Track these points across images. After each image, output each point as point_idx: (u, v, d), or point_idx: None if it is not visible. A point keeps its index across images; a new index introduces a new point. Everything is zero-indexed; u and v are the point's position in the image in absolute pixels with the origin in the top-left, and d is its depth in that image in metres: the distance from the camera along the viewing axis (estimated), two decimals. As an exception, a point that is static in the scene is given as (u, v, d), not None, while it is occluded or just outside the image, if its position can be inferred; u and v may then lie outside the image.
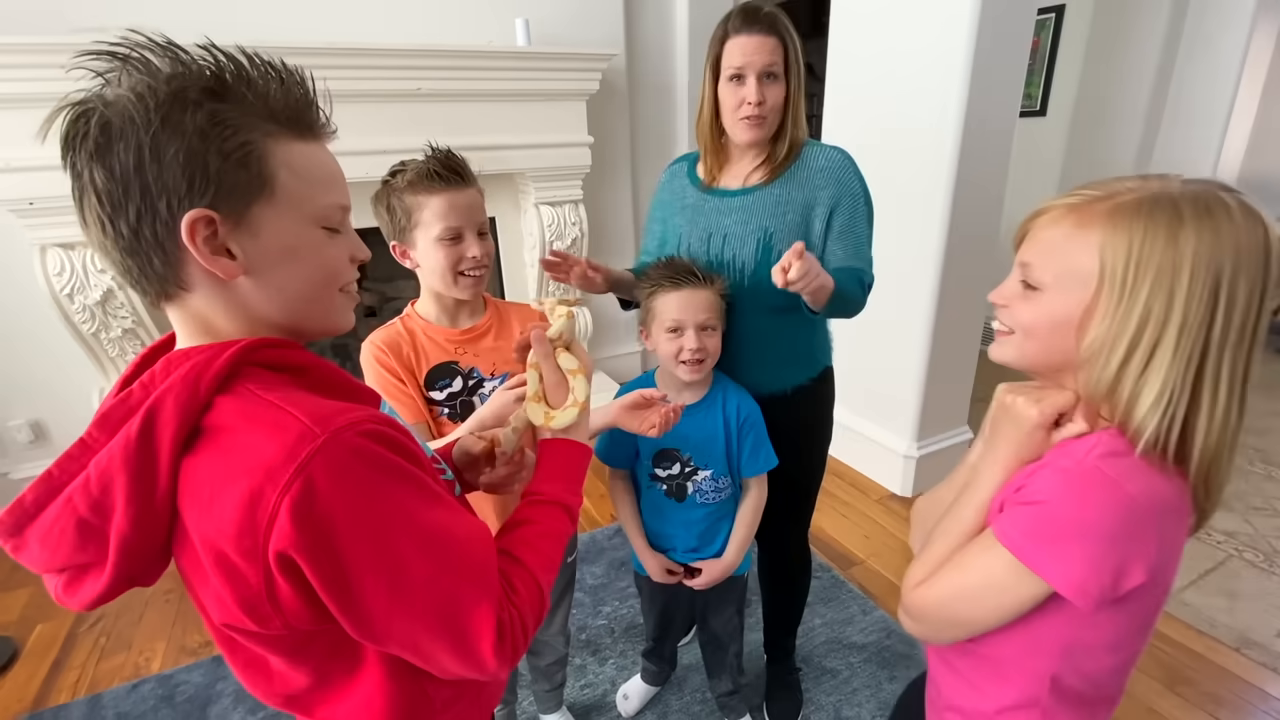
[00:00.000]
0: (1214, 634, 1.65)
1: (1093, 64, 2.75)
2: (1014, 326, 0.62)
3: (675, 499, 1.17)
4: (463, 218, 0.96)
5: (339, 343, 2.74)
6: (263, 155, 0.46)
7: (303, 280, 0.50)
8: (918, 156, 1.92)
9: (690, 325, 1.05)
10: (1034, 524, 0.55)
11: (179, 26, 2.14)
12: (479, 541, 0.51)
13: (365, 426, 0.45)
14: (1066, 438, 0.59)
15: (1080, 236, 0.56)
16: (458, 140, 2.33)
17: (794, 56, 1.09)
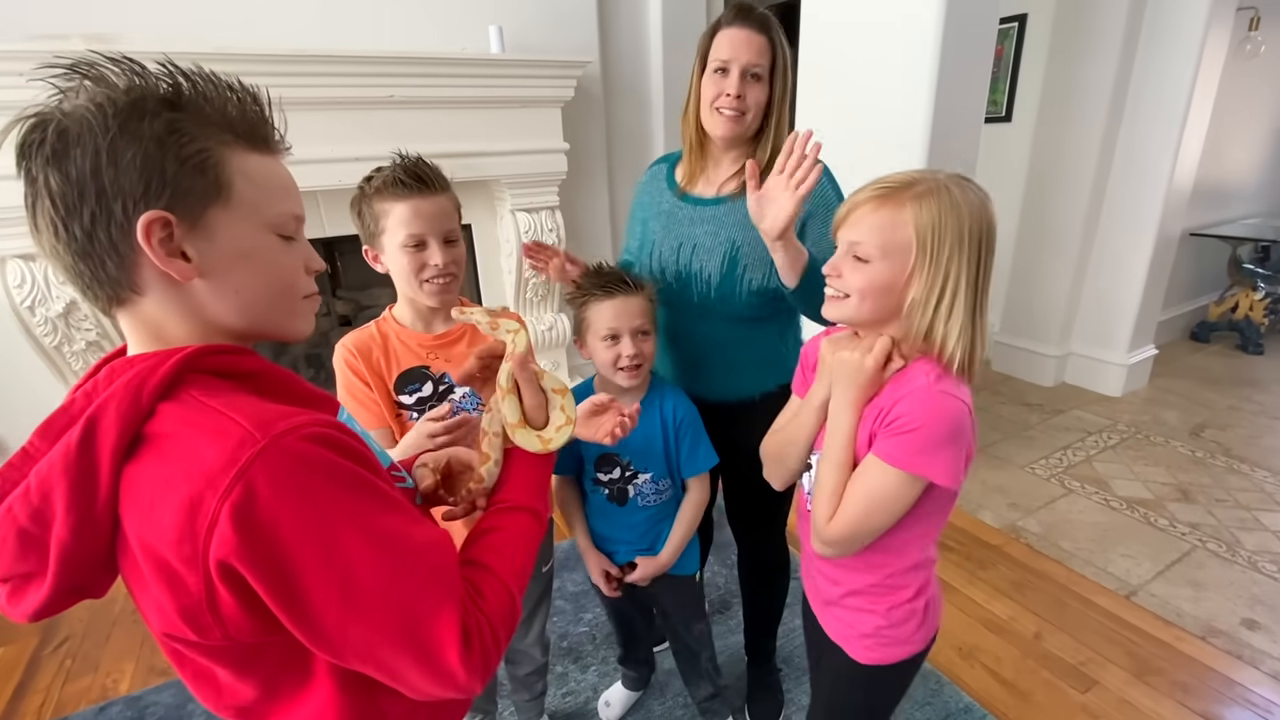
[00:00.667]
0: (1180, 624, 1.69)
1: (1054, 70, 2.82)
2: (849, 291, 0.77)
3: (617, 503, 1.18)
4: (426, 225, 0.96)
5: (312, 351, 2.70)
6: (219, 162, 0.47)
7: (258, 284, 0.51)
8: (888, 162, 1.95)
9: (625, 332, 1.06)
10: (917, 444, 0.72)
11: (146, 34, 2.12)
12: (438, 547, 0.50)
13: (310, 430, 0.45)
14: (895, 371, 0.78)
15: (897, 217, 0.73)
16: (433, 147, 2.32)
17: (782, 62, 1.09)
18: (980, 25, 1.84)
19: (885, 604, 0.86)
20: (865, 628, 0.88)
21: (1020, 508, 2.21)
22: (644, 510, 1.18)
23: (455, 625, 0.47)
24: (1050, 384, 3.15)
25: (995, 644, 1.64)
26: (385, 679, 0.47)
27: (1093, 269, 3.00)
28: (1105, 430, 2.73)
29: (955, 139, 1.92)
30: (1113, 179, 2.84)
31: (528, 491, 0.63)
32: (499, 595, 0.53)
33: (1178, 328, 3.79)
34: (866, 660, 0.89)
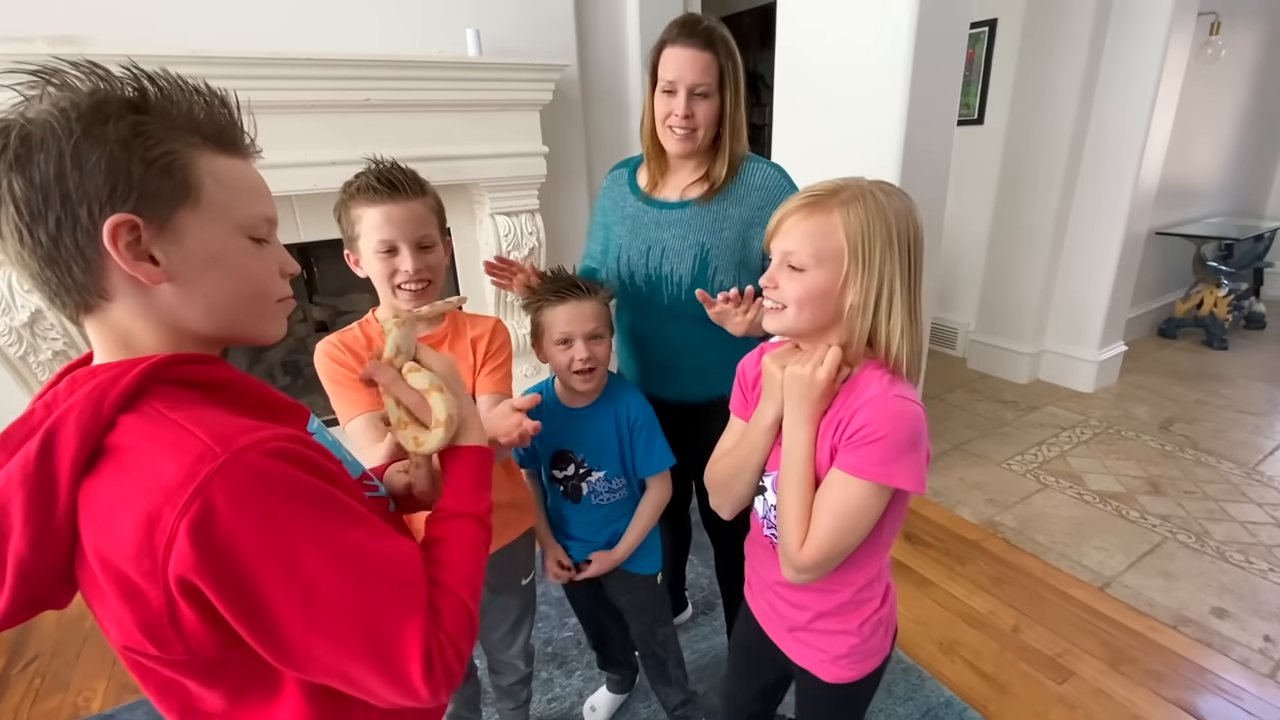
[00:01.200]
0: (1153, 614, 1.73)
1: (1024, 73, 2.88)
2: (785, 302, 0.77)
3: (572, 500, 1.19)
4: (397, 231, 0.96)
5: (290, 358, 2.66)
6: (187, 164, 0.47)
7: (229, 288, 0.51)
8: (864, 164, 1.99)
9: (578, 336, 1.07)
10: (883, 453, 0.71)
11: (113, 36, 2.07)
12: (405, 562, 0.49)
13: (271, 445, 0.44)
14: (845, 379, 0.78)
15: (826, 223, 0.73)
16: (410, 151, 2.31)
17: (730, 72, 1.09)
18: (951, 30, 1.88)
19: (857, 620, 0.85)
20: (839, 649, 0.86)
21: (998, 503, 2.25)
22: (598, 508, 1.19)
23: (419, 641, 0.46)
24: (1025, 381, 3.22)
25: (975, 638, 1.67)
26: (351, 691, 0.47)
27: (1064, 268, 3.06)
28: (1078, 425, 2.79)
29: (929, 141, 1.95)
30: (1081, 180, 2.91)
31: (464, 496, 0.61)
32: (454, 610, 0.51)
33: (1146, 324, 3.89)
34: (840, 680, 0.88)
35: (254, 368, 2.60)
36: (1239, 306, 3.77)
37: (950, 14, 1.85)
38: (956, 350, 3.61)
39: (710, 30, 1.08)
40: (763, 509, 0.90)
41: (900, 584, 1.87)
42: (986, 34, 3.12)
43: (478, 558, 0.58)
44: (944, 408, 2.99)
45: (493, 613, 1.21)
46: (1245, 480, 2.34)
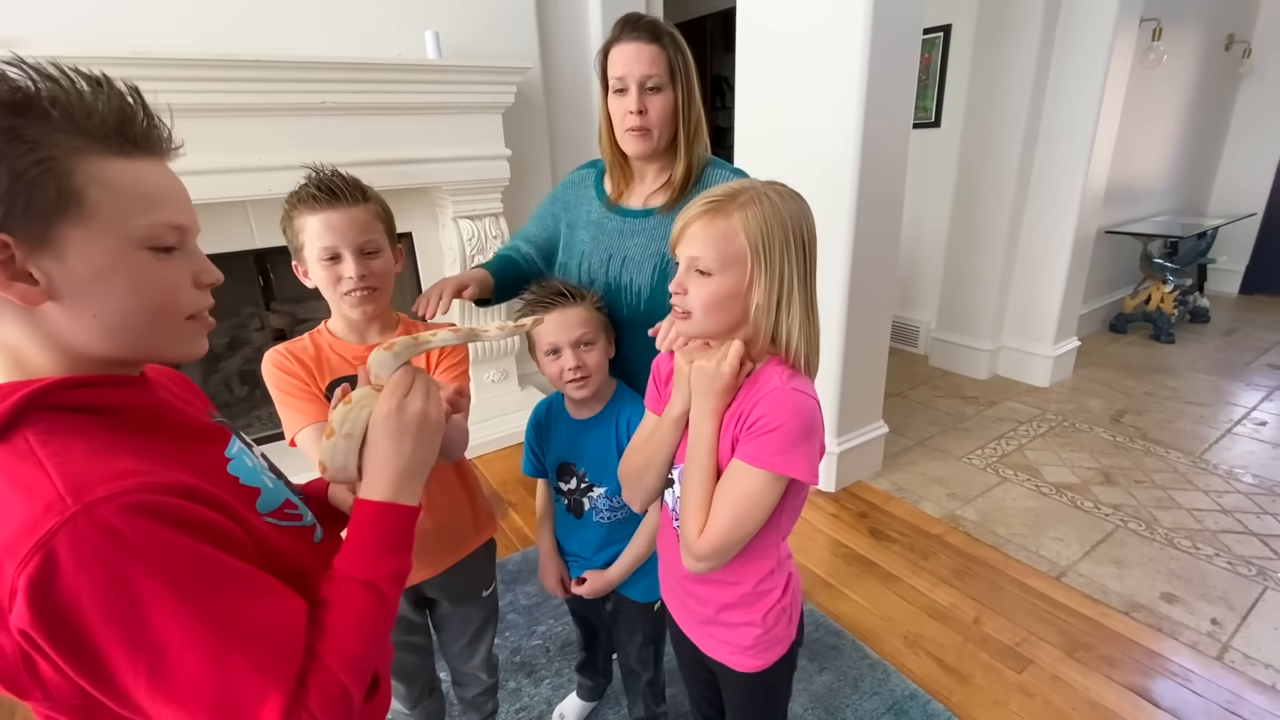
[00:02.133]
0: (1106, 601, 1.79)
1: (977, 78, 2.97)
2: (692, 308, 0.78)
3: (574, 515, 1.16)
4: (339, 238, 0.95)
5: (246, 368, 2.58)
6: (66, 172, 0.42)
7: (122, 306, 0.46)
8: (823, 168, 2.02)
9: (566, 345, 1.04)
10: (779, 443, 0.74)
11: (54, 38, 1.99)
12: (276, 630, 0.45)
13: (131, 498, 0.41)
14: (749, 374, 0.81)
15: (727, 228, 0.75)
16: (369, 154, 2.28)
17: (680, 66, 1.08)
18: (904, 35, 1.92)
19: (760, 611, 0.87)
20: (745, 640, 0.88)
21: (959, 497, 2.30)
22: (599, 526, 1.15)
23: (277, 717, 0.43)
24: (984, 377, 3.30)
25: (938, 631, 1.70)
26: None
27: (1019, 266, 3.15)
28: (1035, 419, 2.87)
29: (885, 144, 1.99)
30: (1034, 181, 3.00)
31: (359, 557, 0.55)
32: (325, 687, 0.47)
33: (1098, 320, 4.02)
34: (752, 669, 0.90)
35: (210, 378, 2.52)
36: (1184, 301, 3.93)
37: (903, 20, 1.89)
38: (918, 348, 3.69)
39: (655, 24, 1.07)
40: (671, 501, 0.91)
41: (865, 580, 1.90)
42: (942, 39, 3.19)
43: (364, 630, 0.51)
44: (907, 404, 3.05)
45: (453, 625, 1.19)
46: (1192, 469, 2.44)
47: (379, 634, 0.53)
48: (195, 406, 0.60)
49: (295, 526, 0.58)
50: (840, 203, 2.00)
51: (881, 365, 2.38)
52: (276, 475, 0.65)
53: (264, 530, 0.51)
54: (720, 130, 5.23)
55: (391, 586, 0.55)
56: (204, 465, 0.52)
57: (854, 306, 2.12)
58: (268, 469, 0.61)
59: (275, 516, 0.56)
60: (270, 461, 0.68)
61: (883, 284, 2.20)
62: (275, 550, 0.52)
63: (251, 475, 0.56)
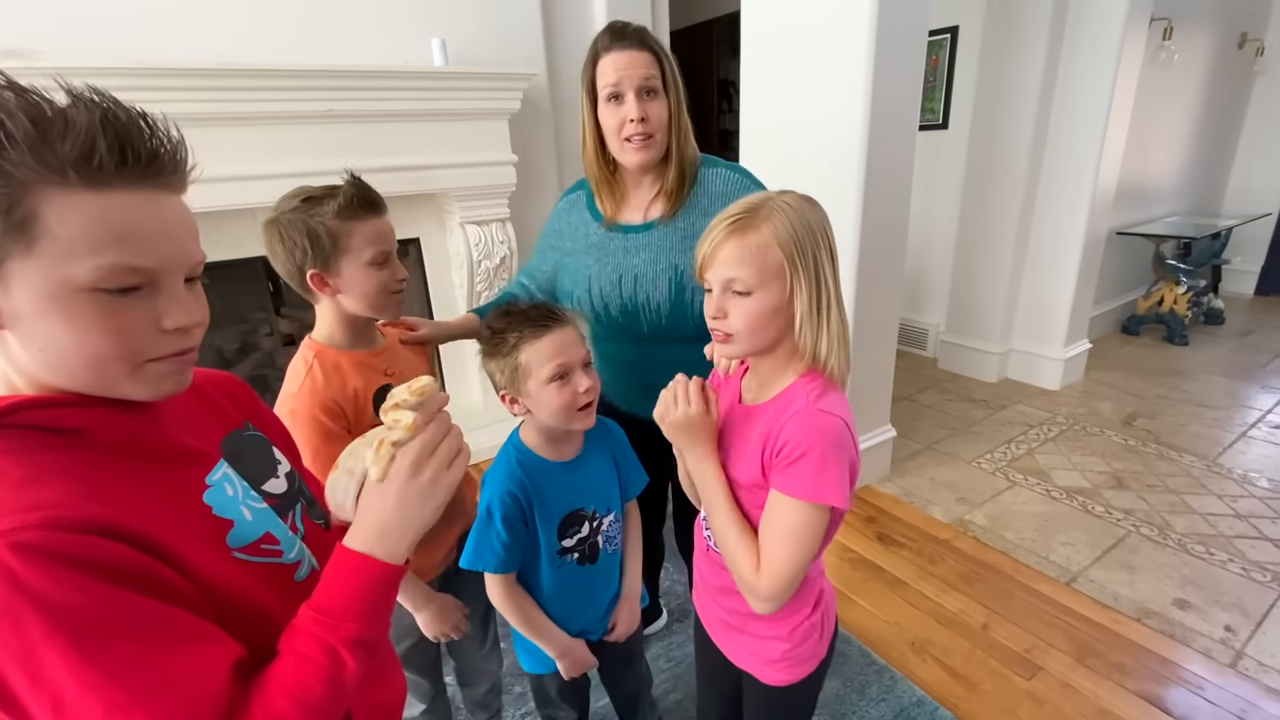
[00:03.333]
0: (1117, 607, 1.77)
1: (985, 79, 2.95)
2: (734, 330, 0.76)
3: (590, 562, 1.04)
4: (390, 243, 1.00)
5: (256, 374, 2.61)
6: (7, 207, 0.40)
7: (64, 347, 0.44)
8: (829, 171, 2.01)
9: (576, 365, 0.93)
10: (810, 470, 0.71)
11: (67, 49, 2.01)
12: (190, 680, 0.42)
13: (29, 535, 0.39)
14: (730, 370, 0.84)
15: (759, 242, 0.73)
16: (377, 161, 2.30)
17: (670, 71, 1.06)
18: (910, 37, 1.91)
19: (787, 627, 0.86)
20: (772, 654, 0.87)
21: (968, 502, 2.28)
22: (612, 556, 1.07)
23: None
24: (994, 380, 3.27)
25: (946, 637, 1.69)
26: None
27: (1029, 268, 3.13)
28: (1045, 423, 2.84)
29: (892, 146, 1.98)
30: (1043, 182, 2.98)
31: (324, 607, 0.50)
32: None
33: (1109, 322, 3.98)
34: (778, 683, 0.88)
35: (220, 383, 2.55)
36: (1198, 303, 3.88)
37: (908, 22, 1.88)
38: (927, 351, 3.67)
39: (642, 30, 1.05)
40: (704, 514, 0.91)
41: (873, 585, 1.89)
42: (949, 40, 3.18)
43: (305, 700, 0.46)
44: (915, 408, 3.03)
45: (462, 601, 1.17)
46: (1205, 473, 2.41)
47: (325, 705, 0.47)
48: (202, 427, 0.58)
49: (271, 564, 0.55)
50: (847, 205, 1.99)
51: (889, 368, 2.36)
52: (288, 505, 0.63)
53: (218, 569, 0.49)
54: (726, 134, 5.24)
55: (353, 654, 0.49)
56: (170, 492, 0.50)
57: (861, 309, 2.11)
58: (258, 498, 0.58)
59: (248, 552, 0.53)
60: (296, 485, 0.65)
61: (890, 286, 2.20)
62: (233, 590, 0.50)
63: (228, 506, 0.53)
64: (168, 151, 0.46)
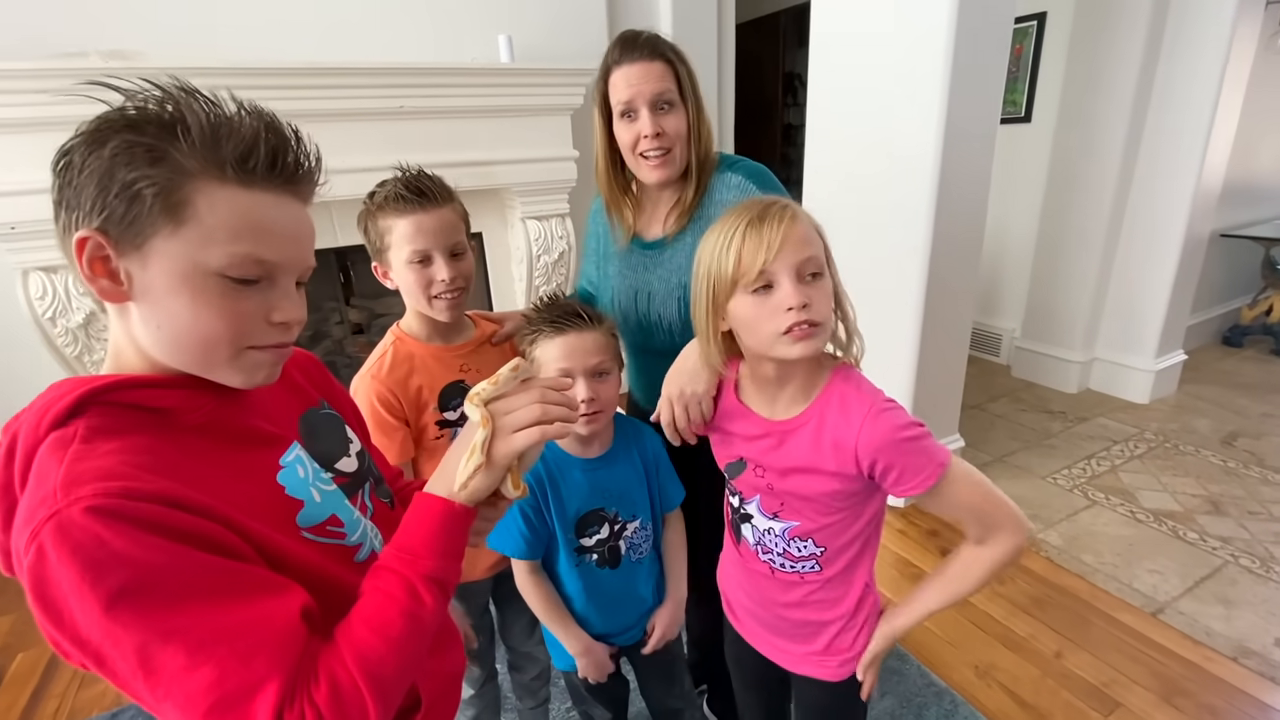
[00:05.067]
0: (1210, 643, 1.62)
1: (1074, 69, 2.75)
2: (822, 317, 0.71)
3: (610, 566, 1.02)
4: (430, 240, 0.94)
5: (326, 360, 2.72)
6: (167, 190, 0.45)
7: (183, 324, 0.48)
8: (900, 165, 1.92)
9: (580, 373, 0.91)
10: (926, 450, 0.73)
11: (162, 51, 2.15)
12: (266, 620, 0.44)
13: (102, 501, 0.41)
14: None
15: (808, 221, 0.74)
16: (442, 156, 2.35)
17: (687, 79, 1.00)
18: (994, 24, 1.80)
19: (854, 633, 0.87)
20: (835, 648, 0.88)
21: (1041, 519, 2.14)
22: (636, 565, 1.05)
23: (270, 712, 0.42)
24: (1074, 390, 3.07)
25: (1013, 662, 1.59)
26: None
27: (1118, 272, 2.91)
28: (1132, 439, 2.64)
29: (970, 141, 1.88)
30: (1137, 179, 2.76)
31: (403, 546, 0.53)
32: (336, 679, 0.45)
33: (1209, 332, 3.66)
34: (843, 677, 0.88)
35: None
36: (1314, 313, 3.52)
37: (993, 7, 1.77)
38: (1000, 357, 3.48)
39: (654, 39, 1.00)
40: (753, 537, 0.88)
41: (934, 602, 1.80)
42: (1035, 28, 2.99)
43: (386, 631, 0.49)
44: (986, 417, 2.88)
45: (514, 603, 1.16)
46: (1318, 501, 2.18)
47: (404, 639, 0.49)
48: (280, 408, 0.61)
49: (335, 545, 0.58)
50: (918, 202, 1.90)
51: (959, 375, 2.25)
52: (358, 483, 0.66)
53: (287, 546, 0.51)
54: (790, 128, 5.11)
55: (429, 589, 0.52)
56: (245, 472, 0.53)
57: (930, 311, 2.01)
58: (327, 480, 0.61)
59: (315, 532, 0.56)
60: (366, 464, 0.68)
61: (962, 288, 2.08)
62: (300, 566, 0.51)
63: (299, 487, 0.56)
64: (307, 165, 0.52)
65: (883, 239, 1.99)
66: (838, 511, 0.80)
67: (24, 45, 1.82)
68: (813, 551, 0.83)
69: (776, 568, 0.87)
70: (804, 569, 0.85)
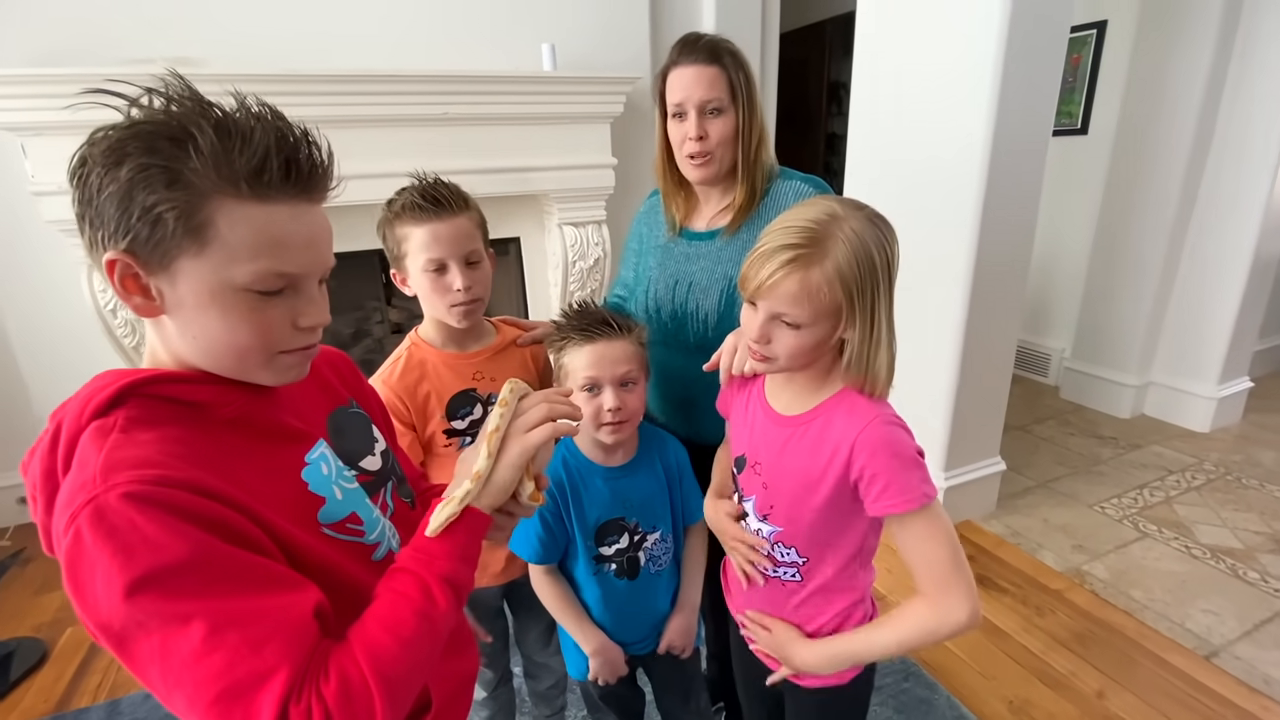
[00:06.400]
0: (1269, 692, 1.51)
1: (1137, 80, 2.63)
2: (777, 356, 0.75)
3: (628, 577, 1.02)
4: (445, 249, 0.95)
5: (367, 358, 2.80)
6: (187, 213, 0.46)
7: (217, 335, 0.50)
8: (944, 175, 1.87)
9: (608, 382, 0.92)
10: (916, 475, 0.72)
11: (224, 58, 2.23)
12: (280, 611, 0.45)
13: (138, 488, 0.43)
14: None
15: (820, 281, 0.69)
16: (485, 162, 2.39)
17: (741, 85, 1.02)
18: (1049, 32, 1.74)
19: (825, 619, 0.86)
20: None
21: (1086, 550, 2.04)
22: (655, 577, 1.04)
23: (275, 703, 0.42)
24: (1127, 416, 2.92)
25: (1050, 700, 1.51)
26: None
27: (1178, 292, 2.77)
28: (1189, 469, 2.50)
29: (1020, 153, 1.81)
30: (1202, 195, 2.62)
31: (419, 547, 0.55)
32: (346, 674, 0.46)
33: (1277, 359, 3.44)
34: (816, 684, 0.87)
35: (335, 365, 2.75)
36: (1399, 342, 3.27)
37: (1047, 16, 1.71)
38: (1048, 378, 3.34)
39: (713, 44, 1.02)
40: None
41: (968, 630, 1.73)
42: (1094, 36, 2.88)
43: (399, 631, 0.49)
44: (1031, 440, 2.76)
45: (531, 611, 1.18)
46: (1399, 545, 2.02)
47: (416, 639, 0.50)
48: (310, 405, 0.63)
49: (353, 542, 0.59)
50: (962, 216, 1.84)
51: (1002, 395, 2.16)
52: (380, 482, 0.67)
53: (307, 541, 0.52)
54: (833, 137, 5.04)
55: (443, 590, 0.53)
56: (272, 466, 0.55)
57: (973, 328, 1.94)
58: (350, 479, 0.62)
59: (334, 529, 0.57)
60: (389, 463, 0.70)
61: (1008, 305, 2.01)
62: (318, 561, 0.53)
63: (322, 484, 0.57)
64: (321, 169, 0.52)
65: (923, 250, 1.93)
66: (823, 525, 0.79)
67: (101, 51, 1.93)
68: (794, 560, 0.83)
69: (760, 569, 0.88)
70: (785, 575, 0.85)
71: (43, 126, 1.79)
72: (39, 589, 1.98)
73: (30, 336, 2.17)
